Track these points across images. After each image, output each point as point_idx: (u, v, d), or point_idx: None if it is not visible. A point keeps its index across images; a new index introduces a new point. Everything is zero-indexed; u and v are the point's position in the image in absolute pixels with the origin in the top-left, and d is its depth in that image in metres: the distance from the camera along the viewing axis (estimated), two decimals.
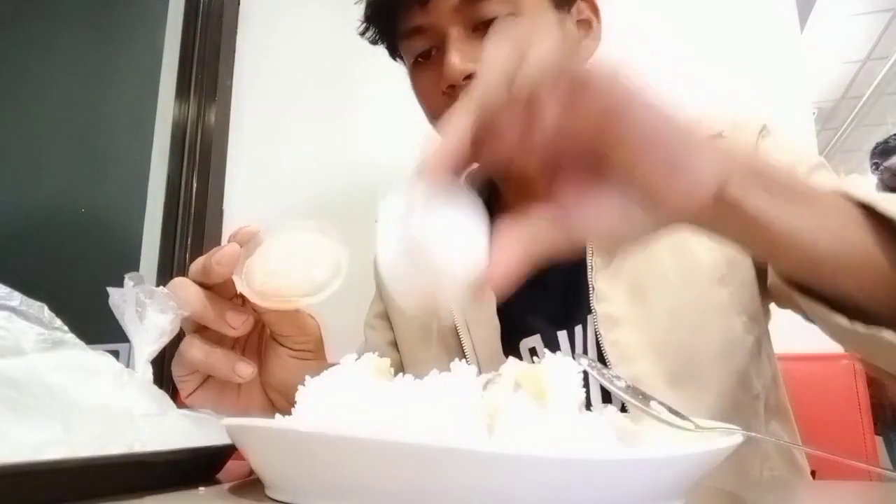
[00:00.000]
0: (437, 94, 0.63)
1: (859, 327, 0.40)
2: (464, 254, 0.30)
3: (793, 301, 0.59)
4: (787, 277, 0.44)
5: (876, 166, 2.54)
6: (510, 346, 0.66)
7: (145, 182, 1.50)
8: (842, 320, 0.41)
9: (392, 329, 0.76)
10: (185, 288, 0.44)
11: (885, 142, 2.59)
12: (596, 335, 0.61)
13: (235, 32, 1.57)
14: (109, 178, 1.55)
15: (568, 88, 0.30)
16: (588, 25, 0.68)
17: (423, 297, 0.31)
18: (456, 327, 0.68)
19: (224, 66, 1.54)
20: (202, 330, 0.46)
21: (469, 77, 0.59)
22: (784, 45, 1.25)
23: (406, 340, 0.74)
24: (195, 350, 0.45)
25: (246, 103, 1.53)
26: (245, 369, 0.44)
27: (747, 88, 1.22)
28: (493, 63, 0.31)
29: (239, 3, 1.59)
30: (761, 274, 0.62)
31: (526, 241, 0.33)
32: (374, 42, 0.71)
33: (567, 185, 0.35)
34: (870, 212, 0.41)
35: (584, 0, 0.68)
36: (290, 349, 0.49)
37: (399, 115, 1.39)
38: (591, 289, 0.62)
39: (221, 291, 0.46)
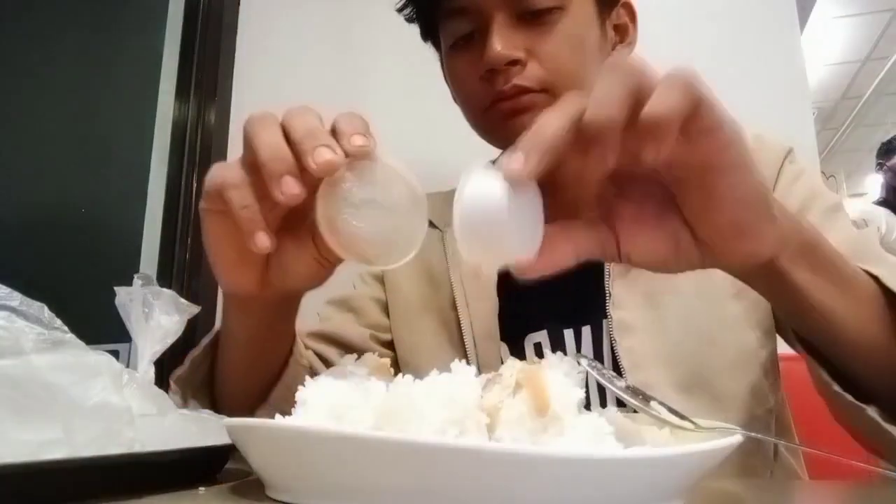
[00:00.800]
0: (474, 79, 0.62)
1: (849, 398, 0.43)
2: (526, 237, 0.34)
3: (782, 327, 0.61)
4: (798, 333, 0.46)
5: (880, 166, 2.55)
6: (515, 339, 0.66)
7: (145, 182, 1.50)
8: (835, 387, 0.44)
9: (383, 292, 0.75)
10: (269, 126, 0.39)
11: (889, 142, 2.60)
12: (610, 340, 0.61)
13: (235, 32, 1.57)
14: (109, 178, 1.55)
15: (696, 127, 0.31)
16: (625, 31, 0.69)
17: (481, 256, 0.34)
18: (455, 300, 0.68)
19: (224, 66, 1.54)
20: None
21: (511, 63, 0.59)
22: (784, 46, 1.25)
23: (402, 309, 0.73)
24: (237, 192, 0.38)
25: (246, 103, 1.53)
26: (263, 241, 0.38)
27: (747, 88, 1.22)
28: (626, 74, 0.31)
29: (239, 4, 1.59)
30: None
31: (576, 243, 0.36)
32: (409, 20, 0.71)
33: (627, 207, 0.36)
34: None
35: (623, 6, 0.69)
36: (319, 253, 0.44)
37: (399, 115, 1.39)
38: (607, 294, 0.62)
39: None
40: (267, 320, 0.50)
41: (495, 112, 0.62)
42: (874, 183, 3.07)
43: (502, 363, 0.64)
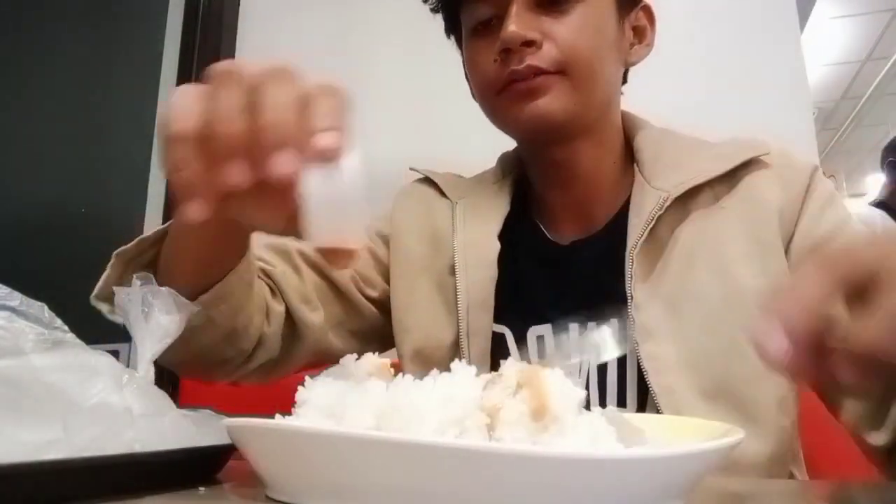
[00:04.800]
0: (490, 62, 0.63)
1: None
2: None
3: None
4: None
5: (892, 163, 2.50)
6: (519, 330, 0.66)
7: (145, 182, 1.50)
8: None
9: (387, 251, 0.75)
10: (230, 94, 0.35)
11: None
12: (631, 343, 0.60)
13: (235, 32, 1.57)
14: (109, 178, 1.55)
15: None
16: (643, 33, 0.70)
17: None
18: (455, 266, 0.68)
19: None
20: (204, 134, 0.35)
21: (525, 44, 0.60)
22: (784, 46, 1.25)
23: (402, 268, 0.73)
24: (181, 149, 0.35)
25: None
26: (194, 213, 0.35)
27: (747, 88, 1.22)
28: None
29: (239, 4, 1.59)
30: None
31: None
32: (434, 10, 0.72)
33: None
34: None
35: (643, 10, 0.70)
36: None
37: (399, 116, 1.39)
38: (629, 297, 0.61)
39: None
40: (216, 243, 0.52)
41: (510, 93, 0.63)
42: (874, 183, 3.07)
43: (497, 344, 0.65)
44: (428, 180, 0.77)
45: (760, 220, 0.62)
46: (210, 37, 1.55)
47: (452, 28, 0.73)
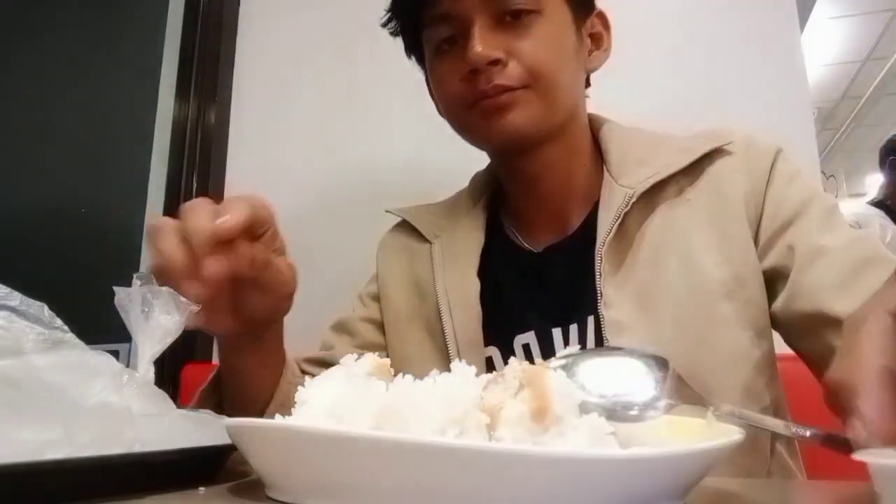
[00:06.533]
0: (456, 80, 0.64)
1: None
2: None
3: (785, 329, 0.62)
4: None
5: (893, 163, 2.50)
6: (504, 341, 0.67)
7: (145, 182, 1.50)
8: None
9: (380, 311, 0.78)
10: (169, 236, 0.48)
11: None
12: (601, 339, 0.61)
13: (235, 33, 1.57)
14: (109, 178, 1.55)
15: None
16: (599, 38, 0.72)
17: None
18: (440, 310, 0.69)
19: (224, 66, 1.54)
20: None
21: (492, 63, 0.61)
22: (784, 46, 1.25)
23: (393, 319, 0.75)
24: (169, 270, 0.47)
25: (246, 103, 1.52)
26: (212, 265, 0.47)
27: (747, 88, 1.22)
28: None
29: (239, 4, 1.59)
30: (770, 293, 0.63)
31: None
32: (394, 34, 0.73)
33: None
34: None
35: (598, 16, 0.71)
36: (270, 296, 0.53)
37: (399, 115, 1.39)
38: (599, 294, 0.62)
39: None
40: (256, 353, 0.59)
41: (479, 110, 0.64)
42: (874, 183, 3.06)
43: (487, 369, 0.65)
44: (405, 221, 0.79)
45: (725, 208, 0.63)
46: (210, 37, 1.54)
47: (413, 48, 0.74)
